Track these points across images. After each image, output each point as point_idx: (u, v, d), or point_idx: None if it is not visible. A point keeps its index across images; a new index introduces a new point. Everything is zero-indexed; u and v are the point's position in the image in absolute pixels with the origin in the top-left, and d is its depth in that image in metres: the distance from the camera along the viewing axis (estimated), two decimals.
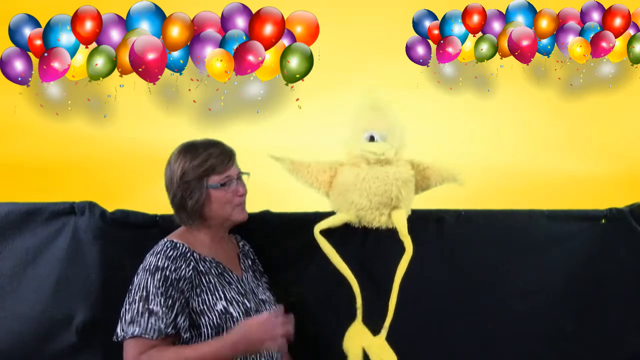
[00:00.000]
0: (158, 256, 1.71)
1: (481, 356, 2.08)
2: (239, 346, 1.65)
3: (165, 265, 1.69)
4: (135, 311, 1.65)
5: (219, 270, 1.79)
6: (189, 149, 1.80)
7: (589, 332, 2.08)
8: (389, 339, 2.00)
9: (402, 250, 1.95)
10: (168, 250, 1.73)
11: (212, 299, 1.73)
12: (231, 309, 1.73)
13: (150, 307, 1.65)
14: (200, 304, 1.71)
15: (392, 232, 1.97)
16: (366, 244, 2.01)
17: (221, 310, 1.72)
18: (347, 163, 2.00)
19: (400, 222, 1.94)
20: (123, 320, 1.67)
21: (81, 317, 1.97)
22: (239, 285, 1.80)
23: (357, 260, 2.00)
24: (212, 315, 1.71)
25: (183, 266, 1.71)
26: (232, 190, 1.81)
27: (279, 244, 2.04)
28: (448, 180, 1.95)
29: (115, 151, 4.23)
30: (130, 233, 1.99)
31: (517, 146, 4.49)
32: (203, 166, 1.77)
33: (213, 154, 1.79)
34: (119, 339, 1.67)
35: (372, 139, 1.93)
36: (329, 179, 2.02)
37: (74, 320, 1.98)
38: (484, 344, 2.07)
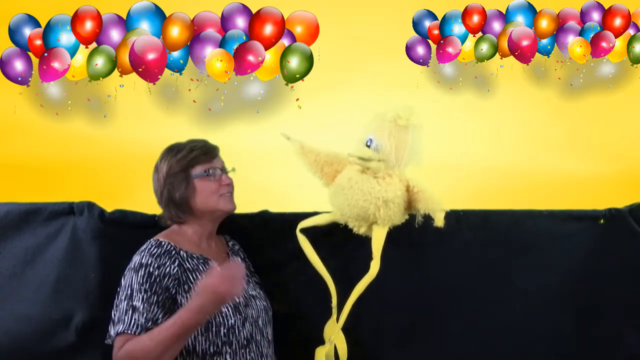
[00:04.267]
0: (142, 254, 1.73)
1: (480, 356, 2.08)
2: (207, 308, 1.61)
3: (149, 262, 1.71)
4: (122, 310, 1.67)
5: (207, 267, 1.79)
6: (173, 148, 1.86)
7: (588, 332, 2.08)
8: (389, 337, 2.01)
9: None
10: (152, 249, 1.74)
11: None
12: None
13: (134, 303, 1.66)
14: (189, 300, 1.71)
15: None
16: (358, 245, 1.99)
17: None
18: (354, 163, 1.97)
19: (375, 242, 1.88)
20: (112, 322, 1.69)
21: (80, 317, 1.98)
22: None
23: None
24: None
25: (167, 263, 1.72)
26: (216, 180, 1.84)
27: (278, 243, 2.04)
28: (430, 211, 1.86)
29: (115, 151, 4.24)
30: (129, 233, 1.98)
31: (517, 146, 4.49)
32: (187, 158, 1.82)
33: (196, 147, 1.85)
34: (110, 341, 1.69)
35: (370, 144, 1.88)
36: (333, 173, 1.99)
37: (73, 320, 1.98)
38: (483, 343, 2.06)
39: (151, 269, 1.70)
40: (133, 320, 1.64)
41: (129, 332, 1.64)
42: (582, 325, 2.08)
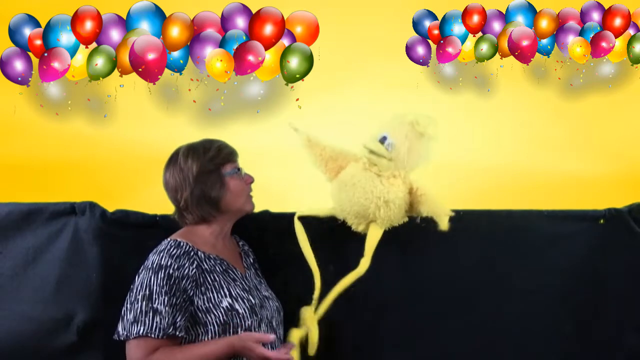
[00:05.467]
0: (161, 255, 1.72)
1: (480, 356, 2.08)
2: (235, 348, 1.68)
3: (169, 263, 1.70)
4: (139, 310, 1.66)
5: (224, 267, 1.80)
6: (197, 147, 1.85)
7: (588, 332, 2.08)
8: (389, 336, 2.02)
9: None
10: (172, 249, 1.74)
11: (218, 296, 1.74)
12: (237, 306, 1.74)
13: (155, 305, 1.66)
14: (206, 302, 1.72)
15: (385, 234, 1.95)
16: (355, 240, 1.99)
17: (227, 307, 1.73)
18: (360, 160, 1.97)
19: (369, 240, 1.89)
20: (125, 320, 1.68)
21: (81, 316, 1.98)
22: (243, 282, 1.81)
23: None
24: (218, 313, 1.72)
25: (186, 265, 1.72)
26: (243, 178, 1.88)
27: (279, 244, 2.04)
28: (434, 215, 1.86)
29: (115, 151, 4.24)
30: (130, 233, 1.99)
31: (517, 146, 4.49)
32: (219, 156, 1.84)
33: (222, 146, 1.87)
34: (122, 338, 1.67)
35: (383, 141, 1.88)
36: (337, 169, 1.99)
37: (74, 319, 1.98)
38: (483, 344, 2.07)
39: (171, 271, 1.69)
40: (155, 324, 1.65)
41: (152, 335, 1.64)
42: (582, 325, 2.08)
